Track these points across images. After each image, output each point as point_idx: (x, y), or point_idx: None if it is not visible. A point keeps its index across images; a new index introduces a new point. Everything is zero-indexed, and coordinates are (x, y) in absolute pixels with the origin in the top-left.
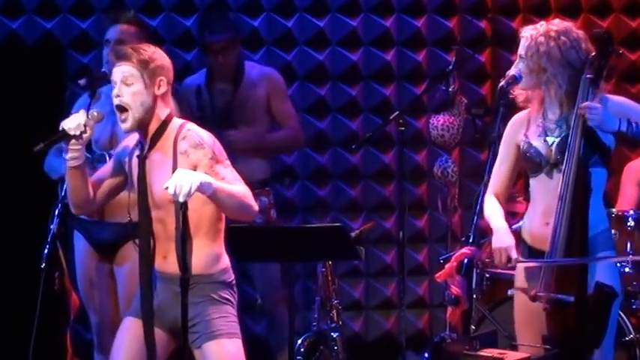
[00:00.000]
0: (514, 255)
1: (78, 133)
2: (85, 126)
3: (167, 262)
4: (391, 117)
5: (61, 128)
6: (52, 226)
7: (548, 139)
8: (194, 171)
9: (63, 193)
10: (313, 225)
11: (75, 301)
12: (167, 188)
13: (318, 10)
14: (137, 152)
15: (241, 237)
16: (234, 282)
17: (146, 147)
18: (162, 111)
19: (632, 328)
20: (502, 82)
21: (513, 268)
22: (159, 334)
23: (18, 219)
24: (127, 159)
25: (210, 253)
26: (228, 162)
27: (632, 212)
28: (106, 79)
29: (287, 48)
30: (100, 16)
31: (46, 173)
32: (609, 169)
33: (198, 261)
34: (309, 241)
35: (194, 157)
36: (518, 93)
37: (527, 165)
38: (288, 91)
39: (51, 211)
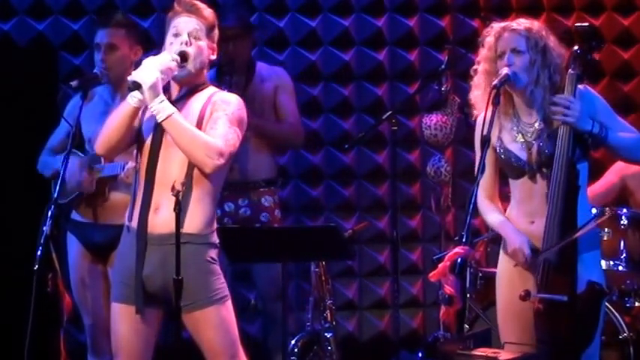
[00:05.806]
0: (527, 251)
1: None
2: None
3: (158, 216)
4: (384, 117)
5: (134, 81)
6: (44, 228)
7: (527, 143)
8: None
9: (56, 194)
10: (307, 225)
11: (68, 303)
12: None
13: (310, 11)
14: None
15: (235, 237)
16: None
17: (177, 95)
18: (204, 76)
19: (625, 326)
20: (495, 81)
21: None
22: (149, 312)
23: (10, 220)
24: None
25: (208, 211)
26: (236, 128)
27: (625, 211)
28: (98, 81)
29: (279, 48)
30: (91, 17)
31: (39, 174)
32: (589, 161)
33: (197, 220)
34: (302, 241)
35: (218, 107)
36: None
37: (508, 170)
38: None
39: (44, 213)
